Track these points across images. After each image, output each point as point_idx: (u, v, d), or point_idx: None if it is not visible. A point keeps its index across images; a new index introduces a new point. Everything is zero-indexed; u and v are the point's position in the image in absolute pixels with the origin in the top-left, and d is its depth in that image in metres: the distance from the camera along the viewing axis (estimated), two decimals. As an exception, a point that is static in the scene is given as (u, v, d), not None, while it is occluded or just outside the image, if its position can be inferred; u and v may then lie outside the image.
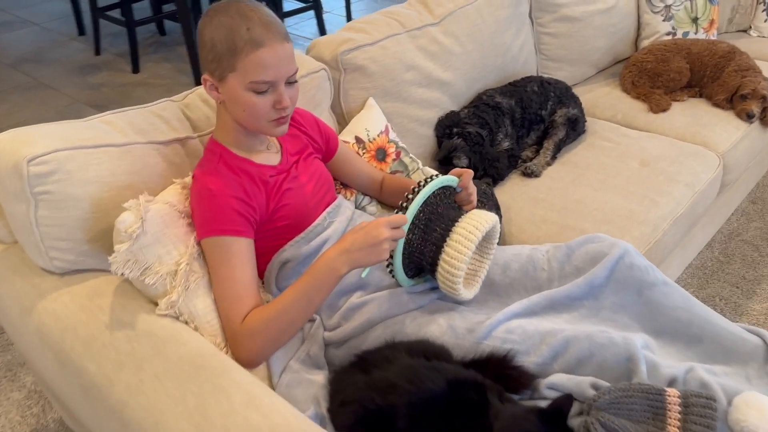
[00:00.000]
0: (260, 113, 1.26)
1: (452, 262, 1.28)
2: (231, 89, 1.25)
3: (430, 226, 1.33)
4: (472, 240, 1.28)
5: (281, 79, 1.24)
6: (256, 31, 1.20)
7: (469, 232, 1.29)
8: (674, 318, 1.34)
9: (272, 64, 1.21)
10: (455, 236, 1.29)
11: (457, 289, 1.30)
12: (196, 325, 1.25)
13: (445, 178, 1.37)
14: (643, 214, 1.79)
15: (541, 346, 1.26)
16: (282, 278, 1.39)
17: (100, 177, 1.30)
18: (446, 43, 2.00)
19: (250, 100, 1.24)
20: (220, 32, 1.20)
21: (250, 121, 1.28)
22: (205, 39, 1.23)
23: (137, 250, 1.22)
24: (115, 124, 1.41)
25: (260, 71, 1.21)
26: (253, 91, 1.23)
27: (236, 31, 1.19)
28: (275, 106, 1.26)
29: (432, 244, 1.32)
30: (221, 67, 1.23)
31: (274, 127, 1.30)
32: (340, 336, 1.36)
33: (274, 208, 1.34)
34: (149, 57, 4.28)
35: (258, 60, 1.20)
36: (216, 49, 1.22)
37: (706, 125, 2.22)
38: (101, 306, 1.25)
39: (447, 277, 1.29)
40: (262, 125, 1.29)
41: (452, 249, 1.28)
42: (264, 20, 1.21)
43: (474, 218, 1.32)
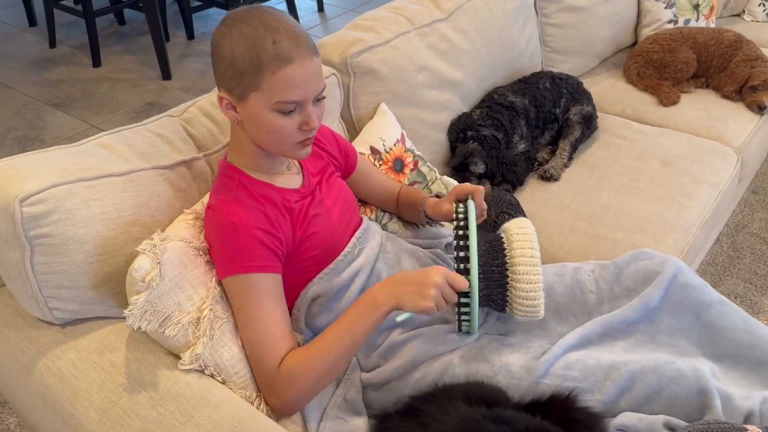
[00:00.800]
0: (286, 136, 1.11)
1: (530, 295, 1.18)
2: (253, 109, 1.09)
3: (487, 270, 1.21)
4: (536, 264, 1.18)
5: (310, 98, 1.10)
6: (283, 45, 1.04)
7: (531, 257, 1.19)
8: (735, 341, 1.26)
9: (302, 83, 1.07)
10: (519, 268, 1.18)
11: (540, 313, 1.21)
12: (224, 378, 1.11)
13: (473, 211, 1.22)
14: (673, 219, 1.71)
15: (605, 383, 1.16)
16: (311, 315, 1.26)
17: (104, 213, 1.13)
18: (456, 40, 1.87)
19: (276, 122, 1.09)
20: (242, 46, 1.05)
21: (273, 144, 1.14)
22: (224, 53, 1.07)
23: (155, 299, 1.07)
24: (113, 148, 1.24)
25: (288, 90, 1.06)
26: (278, 111, 1.08)
27: (261, 44, 1.04)
28: (302, 128, 1.11)
29: (496, 286, 1.20)
30: (242, 85, 1.07)
31: (298, 150, 1.15)
32: (380, 378, 1.23)
33: (301, 238, 1.20)
34: (110, 49, 4.01)
35: (286, 78, 1.05)
36: (236, 65, 1.06)
37: (718, 119, 2.15)
38: (114, 363, 1.10)
39: (528, 310, 1.19)
40: (286, 148, 1.14)
41: (523, 283, 1.18)
42: (291, 32, 1.06)
43: (520, 238, 1.21)
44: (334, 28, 4.34)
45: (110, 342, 1.14)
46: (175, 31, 4.25)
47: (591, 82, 2.39)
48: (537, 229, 1.69)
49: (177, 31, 4.26)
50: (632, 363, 1.17)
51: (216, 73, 1.11)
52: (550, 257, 1.64)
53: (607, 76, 2.44)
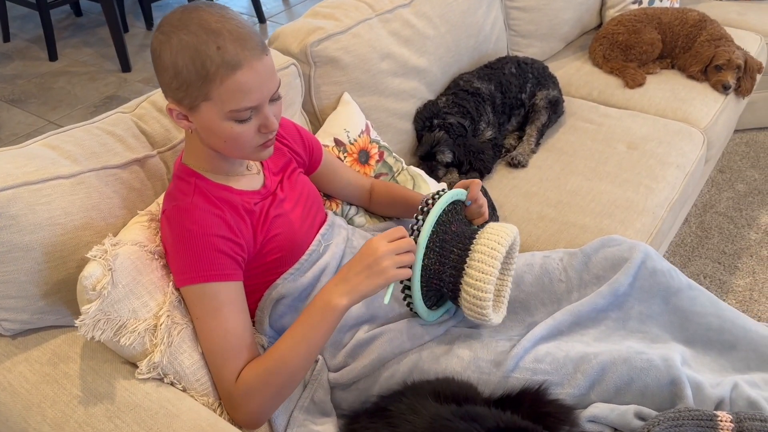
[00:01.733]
0: (245, 142, 1.06)
1: (477, 284, 1.13)
2: (206, 120, 1.03)
3: (446, 248, 1.17)
4: (496, 257, 1.13)
5: (265, 100, 1.03)
6: (229, 50, 0.97)
7: (492, 249, 1.14)
8: (705, 325, 1.26)
9: (254, 87, 1.00)
10: (477, 255, 1.14)
11: (486, 314, 1.15)
12: (185, 386, 1.07)
13: (454, 192, 1.21)
14: (641, 203, 1.70)
15: (575, 375, 1.15)
16: (276, 316, 1.22)
17: (52, 218, 1.08)
18: (419, 26, 1.83)
19: (233, 131, 1.03)
20: (185, 55, 0.97)
21: (232, 150, 1.08)
22: (166, 63, 0.99)
23: (108, 307, 1.02)
24: (61, 149, 1.18)
25: (240, 97, 1.00)
26: (234, 120, 1.02)
27: (205, 52, 0.96)
28: (261, 131, 1.06)
29: (451, 267, 1.17)
30: (190, 96, 1.01)
31: (260, 152, 1.10)
32: (348, 377, 1.20)
33: (262, 241, 1.16)
34: (66, 42, 3.89)
35: (236, 85, 0.99)
36: (182, 76, 0.99)
37: (684, 99, 2.15)
38: (68, 374, 1.05)
39: (474, 303, 1.14)
40: (247, 153, 1.09)
41: (475, 270, 1.13)
42: (235, 34, 0.98)
43: (494, 232, 1.17)
44: (298, 14, 4.26)
45: (64, 352, 1.09)
46: (133, 22, 4.13)
47: (557, 65, 2.37)
48: (505, 217, 1.69)
49: (136, 21, 4.14)
50: (602, 354, 1.16)
51: (161, 82, 1.03)
52: (520, 245, 1.61)
53: (573, 59, 2.42)
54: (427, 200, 1.18)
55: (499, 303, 1.23)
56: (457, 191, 1.23)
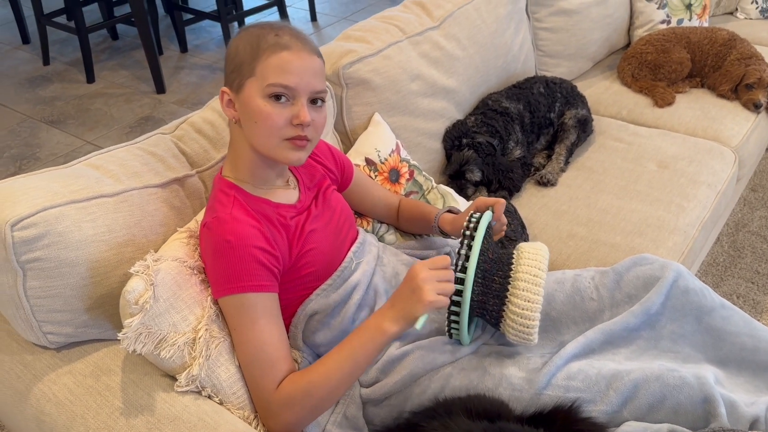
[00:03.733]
0: (274, 125, 1.09)
1: (525, 313, 1.14)
2: (247, 99, 1.10)
3: (487, 277, 1.19)
4: (539, 284, 1.15)
5: (303, 91, 1.10)
6: (284, 37, 1.10)
7: (534, 276, 1.16)
8: (739, 345, 1.24)
9: (295, 70, 1.09)
10: (520, 283, 1.16)
11: (532, 339, 1.17)
12: (221, 399, 1.10)
13: (485, 220, 1.22)
14: (672, 222, 1.70)
15: (608, 392, 1.15)
16: (309, 332, 1.24)
17: (97, 235, 1.12)
18: (448, 48, 1.86)
19: (265, 109, 1.09)
20: (246, 40, 1.12)
21: (263, 135, 1.11)
22: (230, 50, 1.14)
23: (149, 321, 1.05)
24: (105, 169, 1.23)
25: (280, 74, 1.08)
26: (269, 97, 1.09)
27: (263, 37, 1.10)
28: (293, 122, 1.10)
29: (494, 296, 1.18)
30: (240, 75, 1.11)
31: (287, 150, 1.12)
32: (380, 393, 1.21)
33: (298, 254, 1.18)
34: (103, 65, 4.01)
35: (280, 62, 1.08)
36: (238, 57, 1.11)
37: (714, 118, 2.14)
38: (110, 386, 1.08)
39: (521, 330, 1.16)
40: (274, 144, 1.11)
41: (520, 299, 1.15)
42: (295, 32, 1.13)
43: (531, 257, 1.18)
44: (328, 36, 4.33)
45: (106, 365, 1.12)
46: (168, 45, 4.25)
47: (585, 85, 2.38)
48: (535, 235, 1.70)
49: (170, 44, 4.25)
50: (635, 372, 1.16)
51: (225, 73, 1.15)
52: (550, 263, 1.62)
53: (602, 78, 2.43)
54: (464, 230, 1.19)
55: None
56: (488, 216, 1.23)
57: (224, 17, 3.79)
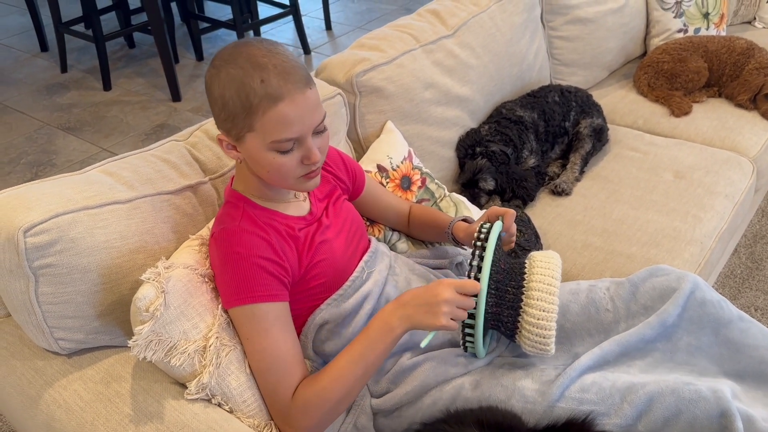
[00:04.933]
0: (287, 173, 1.09)
1: (540, 323, 1.13)
2: (251, 150, 1.07)
3: (501, 288, 1.17)
4: (554, 293, 1.14)
5: (307, 133, 1.06)
6: (272, 83, 1.01)
7: (549, 285, 1.14)
8: (757, 358, 1.22)
9: (295, 119, 1.03)
10: (535, 293, 1.14)
11: (549, 350, 1.16)
12: (231, 407, 1.09)
13: (495, 232, 1.21)
14: (689, 232, 1.67)
15: (622, 406, 1.13)
16: (319, 342, 1.23)
17: (109, 242, 1.12)
18: (462, 56, 1.85)
19: (275, 161, 1.07)
20: (231, 88, 1.02)
21: (276, 181, 1.12)
22: (215, 96, 1.05)
23: (160, 328, 1.05)
24: (118, 175, 1.23)
25: (281, 129, 1.03)
26: (276, 150, 1.06)
27: (249, 85, 1.00)
28: (303, 162, 1.09)
29: (508, 308, 1.17)
30: (237, 127, 1.05)
31: (303, 183, 1.12)
32: (391, 403, 1.20)
33: (307, 266, 1.18)
34: (120, 72, 4.04)
35: (278, 117, 1.02)
36: (228, 108, 1.03)
37: (732, 128, 2.11)
38: (120, 393, 1.08)
39: (537, 341, 1.14)
40: (290, 183, 1.12)
41: (536, 309, 1.13)
42: (280, 68, 1.02)
43: (544, 266, 1.17)
44: (342, 45, 4.35)
45: (116, 372, 1.12)
46: (184, 53, 4.28)
47: (601, 94, 2.36)
48: (549, 245, 1.68)
49: (186, 52, 4.29)
50: (650, 385, 1.14)
51: (213, 114, 1.09)
52: (564, 274, 1.61)
53: (617, 87, 2.41)
54: (476, 242, 1.17)
55: None
56: (498, 225, 1.22)
57: (240, 26, 3.82)
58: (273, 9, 4.57)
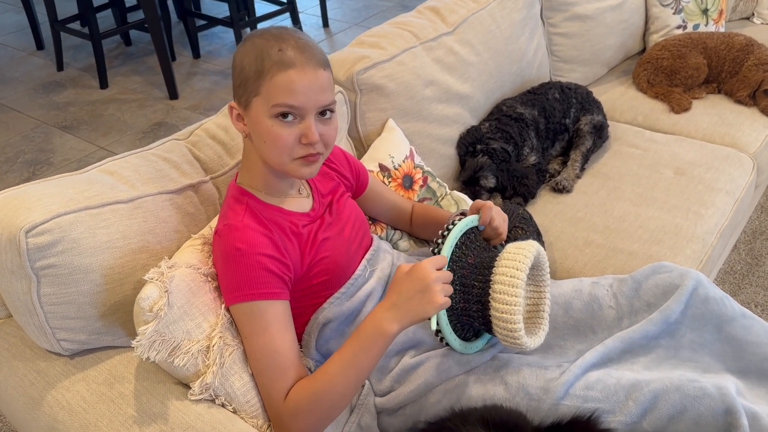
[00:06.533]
0: (283, 146, 1.08)
1: (504, 317, 1.12)
2: (254, 117, 1.08)
3: (467, 284, 1.17)
4: (516, 285, 1.11)
5: (310, 109, 1.07)
6: (288, 52, 1.05)
7: (511, 277, 1.12)
8: (760, 355, 1.22)
9: (300, 89, 1.05)
10: (497, 286, 1.13)
11: (521, 343, 1.14)
12: (235, 407, 1.09)
13: (464, 224, 1.20)
14: (690, 229, 1.67)
15: (627, 403, 1.13)
16: (323, 340, 1.23)
17: (111, 242, 1.11)
18: (462, 53, 1.85)
19: (273, 129, 1.07)
20: (251, 54, 1.06)
21: (273, 156, 1.11)
22: (236, 63, 1.09)
23: (164, 328, 1.04)
24: (119, 175, 1.22)
25: (285, 94, 1.05)
26: (276, 117, 1.06)
27: (266, 51, 1.05)
28: (301, 140, 1.08)
29: (475, 302, 1.16)
30: (246, 92, 1.08)
31: (299, 167, 1.11)
32: (394, 402, 1.20)
33: (310, 263, 1.17)
34: (116, 70, 4.03)
35: (284, 81, 1.04)
36: (244, 73, 1.07)
37: (732, 124, 2.11)
38: (124, 394, 1.08)
39: (506, 334, 1.13)
40: (285, 162, 1.10)
41: (499, 303, 1.12)
42: (300, 43, 1.06)
43: (510, 258, 1.15)
44: (339, 42, 4.34)
45: (119, 372, 1.11)
46: (181, 51, 4.26)
47: (600, 90, 2.36)
48: (550, 243, 1.68)
49: (183, 50, 4.27)
50: (654, 382, 1.14)
51: (233, 86, 1.12)
52: (566, 271, 1.61)
53: (617, 84, 2.41)
54: (437, 238, 1.18)
55: (540, 319, 1.21)
56: (468, 220, 1.22)
57: (237, 23, 3.80)
58: (270, 6, 4.55)
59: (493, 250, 1.26)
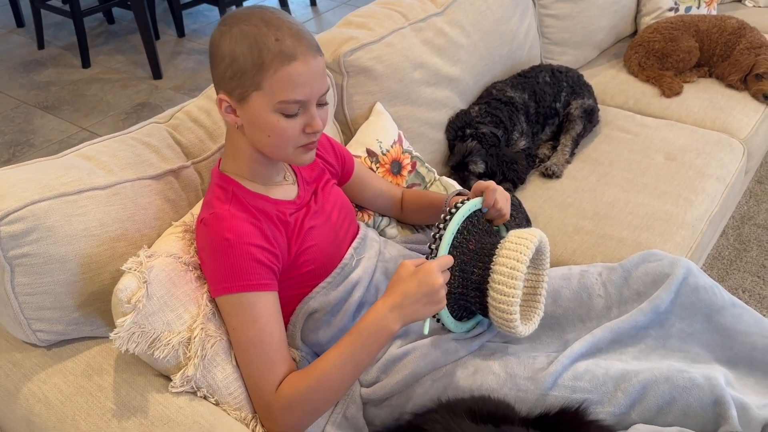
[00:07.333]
0: (289, 139, 1.06)
1: (502, 307, 1.11)
2: (254, 111, 1.04)
3: (466, 269, 1.15)
4: (516, 277, 1.10)
5: (314, 99, 1.05)
6: (287, 42, 1.00)
7: (511, 269, 1.11)
8: (750, 345, 1.21)
9: (305, 81, 1.02)
10: (497, 276, 1.12)
11: (516, 332, 1.13)
12: (217, 399, 1.06)
13: (466, 209, 1.17)
14: (680, 216, 1.66)
15: (616, 394, 1.11)
16: (308, 330, 1.20)
17: (88, 230, 1.08)
18: (452, 35, 1.81)
19: (278, 124, 1.04)
20: (244, 44, 1.00)
21: (275, 148, 1.08)
22: (224, 52, 1.02)
23: (143, 320, 1.01)
24: (97, 160, 1.18)
25: (291, 89, 1.01)
26: (281, 113, 1.03)
27: (263, 42, 1.00)
28: (306, 130, 1.06)
29: (474, 289, 1.15)
30: (243, 86, 1.03)
31: (301, 155, 1.10)
32: (381, 393, 1.18)
33: (296, 252, 1.15)
34: (99, 49, 3.94)
35: (289, 76, 1.01)
36: (237, 64, 1.01)
37: (723, 109, 2.09)
38: (102, 386, 1.05)
39: (501, 322, 1.13)
40: (288, 152, 1.09)
41: (498, 293, 1.11)
42: (294, 30, 1.02)
43: (512, 248, 1.13)
44: (327, 22, 4.27)
45: (98, 364, 1.09)
46: (165, 29, 4.18)
47: (591, 73, 2.33)
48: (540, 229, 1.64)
49: (167, 29, 4.19)
50: (643, 372, 1.12)
51: (215, 74, 1.07)
52: (555, 258, 1.59)
53: (608, 67, 2.38)
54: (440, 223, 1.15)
55: (536, 302, 1.20)
56: (471, 204, 1.19)
57: (222, 1, 3.72)
58: (256, -16, 4.47)
59: (495, 235, 1.24)
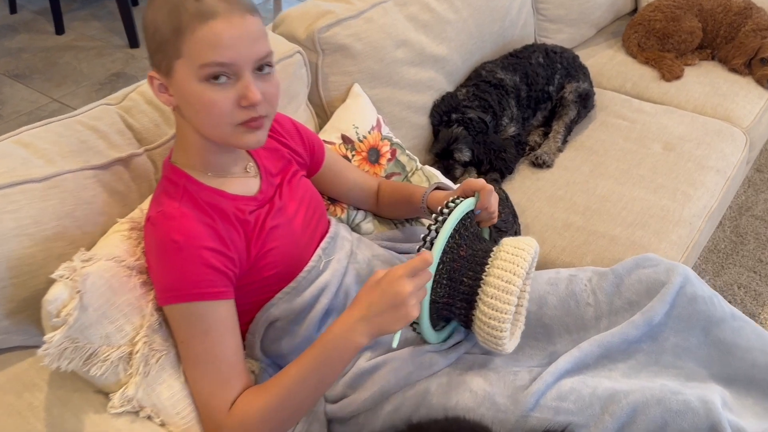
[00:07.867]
0: (221, 113, 0.92)
1: (492, 323, 1.01)
2: (180, 83, 0.92)
3: (455, 278, 1.04)
4: (510, 292, 1.00)
5: (245, 64, 0.91)
6: (207, 1, 0.88)
7: (507, 282, 1.00)
8: (750, 361, 1.11)
9: (229, 42, 0.89)
10: (489, 290, 1.01)
11: (502, 349, 1.04)
12: (163, 420, 0.96)
13: (459, 210, 1.06)
14: (677, 212, 1.55)
15: (603, 417, 1.02)
16: (269, 341, 1.10)
17: (20, 228, 0.97)
18: (439, 10, 1.68)
19: (204, 95, 0.91)
20: (163, 10, 0.90)
21: (209, 127, 0.96)
22: (147, 23, 0.92)
23: (76, 334, 0.90)
24: (34, 147, 1.06)
25: (212, 51, 0.89)
26: (206, 81, 0.90)
27: (182, 5, 0.89)
28: (241, 103, 0.92)
29: (461, 300, 1.04)
30: (167, 56, 0.91)
31: (242, 135, 0.95)
32: (348, 410, 1.08)
33: (257, 255, 1.03)
34: (74, 15, 3.76)
35: (208, 36, 0.88)
36: (159, 33, 0.91)
37: (725, 95, 1.98)
38: (33, 405, 0.94)
39: (488, 338, 1.03)
40: (226, 132, 0.95)
41: (488, 308, 1.01)
42: None
43: (507, 257, 1.03)
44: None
45: (29, 379, 0.97)
46: (144, -6, 4.00)
47: (588, 53, 2.20)
48: (527, 224, 1.55)
49: (147, -6, 4.00)
50: (634, 393, 1.02)
51: (148, 53, 0.95)
52: (542, 256, 1.48)
53: (605, 47, 2.25)
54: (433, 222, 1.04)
55: (519, 315, 1.11)
56: (465, 205, 1.08)
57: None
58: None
59: (485, 240, 1.12)
